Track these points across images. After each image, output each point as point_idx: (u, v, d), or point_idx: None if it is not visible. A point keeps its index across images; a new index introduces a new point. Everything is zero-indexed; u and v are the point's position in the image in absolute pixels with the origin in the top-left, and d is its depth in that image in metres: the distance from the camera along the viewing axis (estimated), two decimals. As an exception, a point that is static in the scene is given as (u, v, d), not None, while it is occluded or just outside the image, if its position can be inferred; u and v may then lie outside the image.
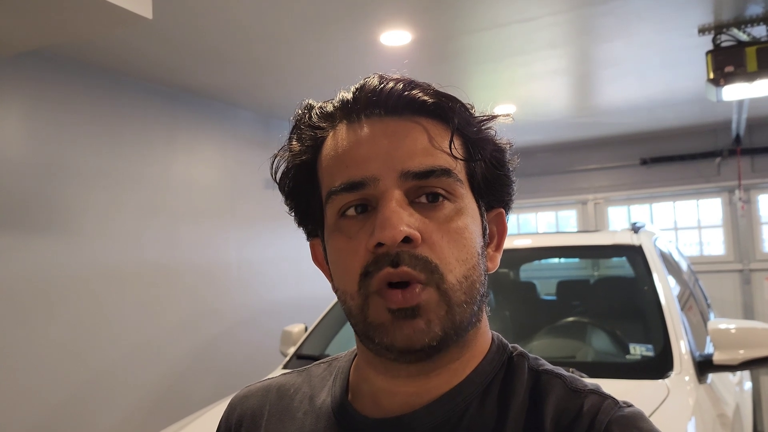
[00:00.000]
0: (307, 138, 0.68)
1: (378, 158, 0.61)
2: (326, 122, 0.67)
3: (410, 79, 0.64)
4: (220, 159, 4.07)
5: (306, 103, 0.70)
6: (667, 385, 1.86)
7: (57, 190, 3.00)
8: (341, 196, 0.62)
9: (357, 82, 0.66)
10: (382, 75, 0.65)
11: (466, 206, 0.63)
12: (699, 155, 5.51)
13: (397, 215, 0.58)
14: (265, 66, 3.40)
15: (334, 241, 0.64)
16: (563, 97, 4.43)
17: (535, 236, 3.41)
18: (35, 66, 2.94)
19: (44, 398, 2.87)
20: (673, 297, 2.29)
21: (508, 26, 2.95)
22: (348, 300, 0.62)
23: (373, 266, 0.59)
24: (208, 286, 3.82)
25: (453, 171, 0.62)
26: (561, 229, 6.37)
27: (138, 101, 3.48)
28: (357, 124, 0.64)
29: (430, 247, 0.59)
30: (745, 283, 5.37)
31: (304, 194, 0.70)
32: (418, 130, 0.62)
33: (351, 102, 0.65)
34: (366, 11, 2.72)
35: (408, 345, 0.59)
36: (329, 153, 0.65)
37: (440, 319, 0.59)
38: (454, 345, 0.62)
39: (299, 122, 0.70)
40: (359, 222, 0.62)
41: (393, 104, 0.63)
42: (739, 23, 2.94)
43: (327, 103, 0.68)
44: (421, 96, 0.63)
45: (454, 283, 0.60)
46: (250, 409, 0.77)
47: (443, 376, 0.64)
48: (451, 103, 0.64)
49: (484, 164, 0.66)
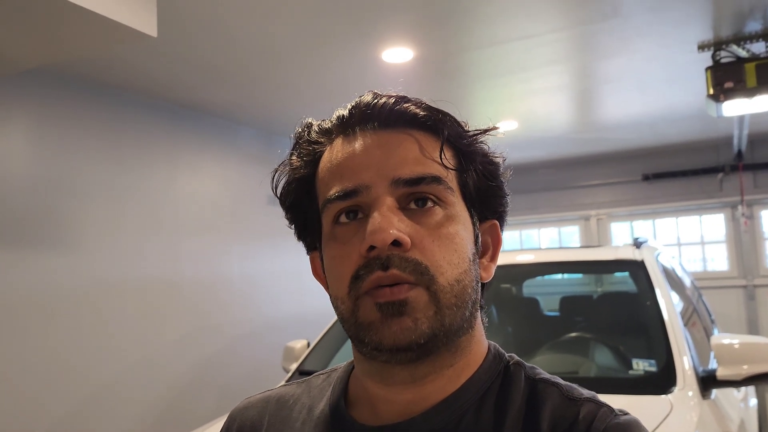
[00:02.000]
0: (306, 153, 0.71)
1: (371, 167, 0.63)
2: (324, 137, 0.70)
3: (403, 95, 0.67)
4: (222, 175, 4.08)
5: (306, 122, 0.73)
6: (671, 401, 1.85)
7: (60, 206, 3.01)
8: (335, 204, 0.64)
9: (353, 100, 0.69)
10: (375, 92, 0.68)
11: (456, 214, 0.65)
12: (701, 171, 5.52)
13: (387, 219, 0.60)
14: (267, 83, 3.43)
15: (329, 249, 0.66)
16: (565, 113, 4.45)
17: (537, 252, 3.41)
18: (40, 83, 2.97)
19: (45, 413, 2.86)
20: (676, 312, 2.28)
21: (509, 43, 2.97)
22: (340, 305, 0.64)
23: (364, 270, 0.60)
24: (209, 301, 3.82)
25: (443, 179, 0.64)
26: (564, 244, 6.37)
27: (141, 118, 3.50)
28: (352, 137, 0.66)
29: (420, 251, 0.61)
30: (750, 298, 5.35)
31: (303, 207, 0.72)
32: (410, 141, 0.65)
33: (346, 117, 0.68)
34: (368, 29, 2.75)
35: (395, 342, 0.59)
36: (325, 165, 0.68)
37: (428, 319, 0.60)
38: (445, 348, 0.63)
39: (299, 139, 0.72)
40: (352, 228, 0.63)
41: (386, 117, 0.65)
42: (738, 40, 2.96)
43: (325, 120, 0.71)
44: (412, 109, 0.65)
45: (444, 285, 0.61)
46: (250, 419, 0.78)
47: (438, 383, 0.64)
48: (441, 115, 0.66)
49: (476, 175, 0.68)
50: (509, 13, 2.65)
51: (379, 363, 0.64)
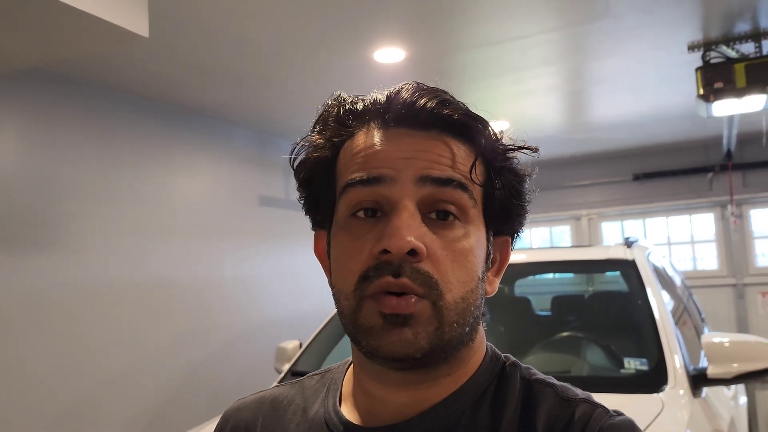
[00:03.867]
0: (333, 133, 0.68)
1: (399, 161, 0.62)
2: (355, 121, 0.67)
3: (444, 96, 0.65)
4: (215, 176, 4.08)
5: (338, 95, 0.70)
6: (662, 399, 1.87)
7: (52, 207, 3.00)
8: (357, 189, 0.63)
9: (393, 86, 0.66)
10: (418, 86, 0.66)
11: (475, 229, 0.64)
12: (691, 170, 5.56)
13: (407, 226, 0.59)
14: (259, 84, 3.42)
15: (340, 238, 0.64)
16: (556, 114, 4.47)
17: (529, 251, 3.42)
18: (31, 84, 2.96)
19: (37, 416, 2.85)
20: (667, 311, 2.30)
21: (502, 44, 2.98)
22: (342, 299, 0.63)
23: (374, 272, 0.59)
24: (202, 303, 3.81)
25: (469, 188, 0.63)
26: (555, 244, 6.39)
27: (133, 118, 3.49)
28: (384, 129, 0.65)
29: (433, 264, 0.60)
30: (739, 297, 5.39)
31: (318, 186, 0.69)
32: (443, 147, 0.63)
33: (383, 108, 0.65)
34: (360, 29, 2.75)
35: (391, 352, 0.59)
36: (352, 151, 0.66)
37: (428, 335, 0.59)
38: (443, 362, 0.63)
39: (328, 115, 0.69)
40: (368, 225, 0.62)
41: (423, 120, 0.63)
42: (728, 40, 2.98)
43: (358, 100, 0.68)
44: (452, 116, 0.63)
45: (450, 303, 0.60)
46: (244, 421, 0.78)
47: (435, 389, 0.65)
48: (481, 125, 0.65)
49: (504, 193, 0.67)
50: (501, 13, 2.65)
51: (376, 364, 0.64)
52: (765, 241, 5.46)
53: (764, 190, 5.34)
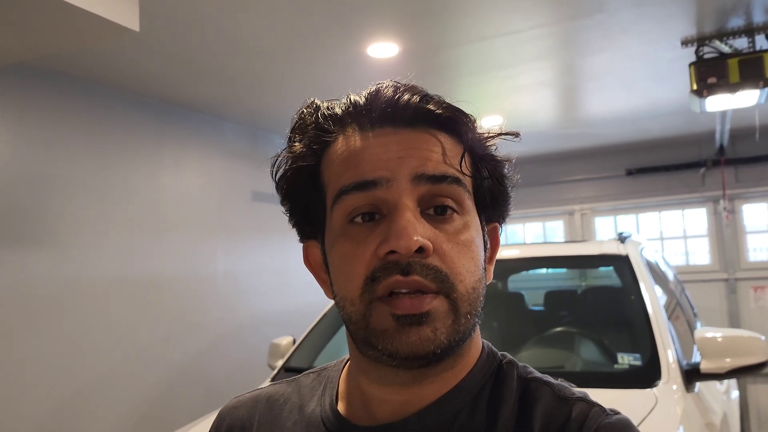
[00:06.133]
0: (312, 140, 0.67)
1: (391, 161, 0.61)
2: (335, 125, 0.66)
3: (424, 92, 0.65)
4: (206, 171, 4.05)
5: (311, 102, 0.69)
6: (655, 394, 1.87)
7: (42, 203, 2.97)
8: (352, 195, 0.61)
9: (370, 87, 0.66)
10: (396, 84, 0.65)
11: (472, 220, 0.64)
12: (684, 166, 5.57)
13: (412, 225, 0.59)
14: (251, 79, 3.40)
15: (339, 246, 0.63)
16: (549, 109, 4.47)
17: (522, 247, 3.42)
18: (21, 78, 2.93)
19: (28, 413, 2.83)
20: (660, 306, 2.30)
21: (495, 39, 2.98)
22: (348, 306, 0.62)
23: (382, 272, 0.59)
24: (194, 299, 3.80)
25: (463, 181, 0.63)
26: (548, 239, 6.40)
27: (124, 113, 3.46)
28: (369, 130, 0.64)
29: (440, 258, 0.60)
30: (731, 292, 5.42)
31: (304, 196, 0.68)
32: (432, 141, 0.63)
33: (364, 108, 0.64)
34: (353, 24, 2.74)
35: (412, 352, 0.58)
36: (338, 156, 0.64)
37: (447, 329, 0.59)
38: (452, 354, 0.63)
39: (303, 121, 0.68)
40: (367, 229, 0.61)
41: (409, 117, 0.63)
42: (721, 35, 2.98)
43: (333, 104, 0.67)
44: (436, 110, 0.64)
45: (463, 294, 0.60)
46: (240, 419, 0.77)
47: (435, 385, 0.64)
48: (465, 118, 0.65)
49: (491, 180, 0.67)
50: (495, 9, 2.65)
51: (383, 366, 0.63)
52: (757, 236, 5.48)
53: (756, 185, 5.37)
